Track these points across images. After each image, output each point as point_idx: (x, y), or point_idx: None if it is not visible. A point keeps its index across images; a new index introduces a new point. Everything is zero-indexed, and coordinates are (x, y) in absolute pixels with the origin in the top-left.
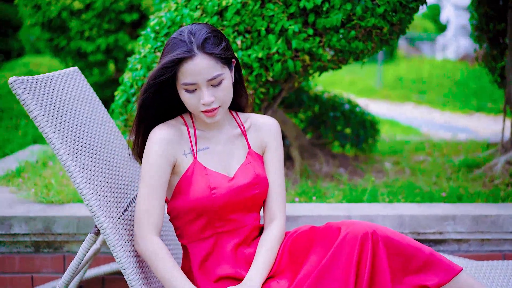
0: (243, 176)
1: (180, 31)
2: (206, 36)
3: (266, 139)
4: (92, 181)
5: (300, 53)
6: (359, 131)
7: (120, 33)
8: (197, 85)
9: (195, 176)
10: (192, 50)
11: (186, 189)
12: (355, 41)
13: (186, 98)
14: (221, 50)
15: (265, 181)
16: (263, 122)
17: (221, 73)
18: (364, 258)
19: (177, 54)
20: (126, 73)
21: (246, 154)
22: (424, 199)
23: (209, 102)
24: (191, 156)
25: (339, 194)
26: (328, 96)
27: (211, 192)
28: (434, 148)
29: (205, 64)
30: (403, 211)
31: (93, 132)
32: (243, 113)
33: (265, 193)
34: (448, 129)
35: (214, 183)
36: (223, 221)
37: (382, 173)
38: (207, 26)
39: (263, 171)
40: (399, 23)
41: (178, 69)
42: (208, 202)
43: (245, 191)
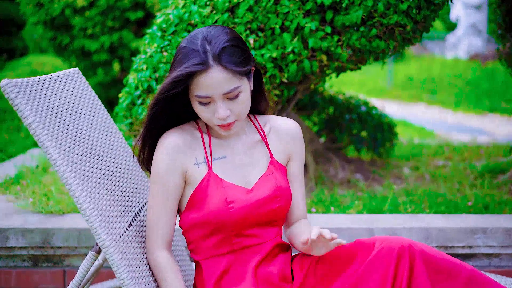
0: (263, 188)
1: (193, 37)
2: (223, 46)
3: (291, 148)
4: (93, 194)
5: (317, 53)
6: (376, 134)
7: (124, 31)
8: (211, 98)
9: (210, 188)
10: (206, 61)
11: (200, 202)
12: (376, 40)
13: (199, 111)
14: (240, 62)
15: (288, 194)
16: (285, 128)
17: (239, 85)
18: (400, 273)
19: (190, 66)
20: (131, 74)
21: (268, 164)
22: (449, 209)
23: (224, 117)
24: (205, 166)
25: (358, 204)
26: (343, 98)
27: (228, 207)
28: (454, 152)
29: (221, 77)
30: (429, 223)
31: (94, 139)
32: (261, 116)
33: (288, 207)
34: (462, 130)
35: (231, 197)
36: (241, 237)
37: (401, 179)
38: (225, 31)
39: (286, 183)
40: (423, 20)
41: (191, 80)
42: (224, 216)
43: (265, 205)
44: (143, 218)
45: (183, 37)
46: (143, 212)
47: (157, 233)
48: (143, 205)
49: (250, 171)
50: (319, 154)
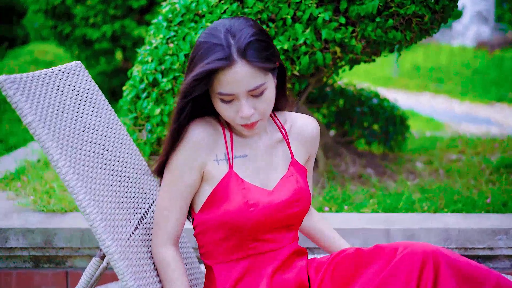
0: (283, 191)
1: (214, 29)
2: (249, 41)
3: (311, 148)
4: (97, 196)
5: (330, 45)
6: (388, 127)
7: (127, 19)
8: (235, 95)
9: (230, 188)
10: (230, 56)
11: (219, 203)
12: (393, 31)
13: (221, 109)
14: (266, 57)
15: (308, 196)
16: (306, 127)
17: (264, 82)
18: (424, 280)
19: (212, 62)
20: (135, 66)
21: (289, 165)
22: (466, 207)
23: (248, 116)
24: (226, 164)
25: (373, 203)
26: (354, 90)
27: (249, 210)
28: (467, 145)
29: (246, 73)
30: (448, 223)
31: (98, 137)
32: (280, 112)
33: (307, 210)
34: (470, 121)
35: (252, 199)
36: (258, 241)
37: (414, 174)
38: (249, 24)
39: (306, 185)
40: (442, 10)
41: (213, 76)
42: (243, 219)
43: (285, 208)
44: (150, 220)
45: (190, 27)
46: (150, 214)
47: (165, 228)
48: (150, 205)
49: (270, 171)
50: (329, 148)
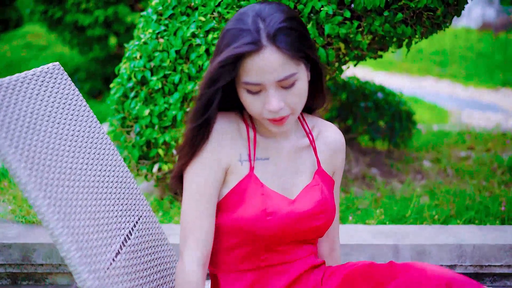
0: (307, 201)
1: (242, 14)
2: (280, 26)
3: (337, 162)
4: (73, 222)
5: (334, 40)
6: (394, 123)
7: (120, 5)
8: (262, 85)
9: (249, 192)
10: (259, 41)
11: (234, 206)
12: (402, 25)
13: (247, 101)
14: (299, 45)
15: (333, 209)
16: (335, 139)
17: (295, 72)
18: None
19: (240, 46)
20: (123, 62)
21: (314, 173)
22: (479, 214)
23: (277, 109)
24: (247, 165)
25: (380, 213)
26: (357, 83)
27: (266, 219)
28: (476, 140)
29: (276, 60)
30: (462, 237)
31: (77, 151)
32: (309, 116)
33: (330, 224)
34: (475, 106)
35: (271, 207)
36: (271, 252)
37: (421, 174)
38: (282, 8)
39: (332, 197)
40: (456, 3)
41: (240, 64)
42: (260, 228)
43: (307, 220)
44: (135, 241)
45: (182, 21)
46: (135, 233)
47: (199, 241)
48: (135, 224)
49: (293, 179)
50: None
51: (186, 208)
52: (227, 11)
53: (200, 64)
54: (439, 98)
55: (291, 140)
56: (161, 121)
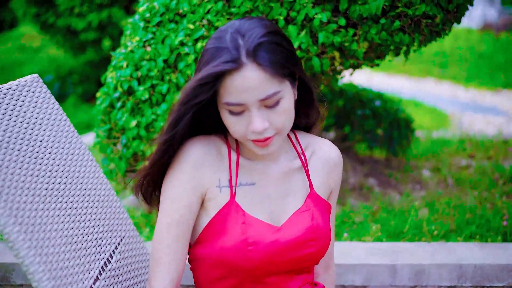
0: (295, 228)
1: (221, 30)
2: (260, 41)
3: (334, 182)
4: (46, 249)
5: (328, 49)
6: (392, 132)
7: (114, 8)
8: (244, 105)
9: (229, 221)
10: (238, 59)
11: (215, 237)
12: (399, 34)
13: (229, 123)
14: (282, 61)
15: (326, 236)
16: (331, 157)
17: (279, 90)
18: None
19: (218, 65)
20: (109, 71)
21: (306, 197)
22: (481, 229)
23: (260, 130)
24: (228, 192)
25: (376, 229)
26: (354, 90)
27: (248, 249)
28: (477, 148)
29: (257, 78)
30: (462, 256)
31: (54, 170)
32: (303, 134)
33: (324, 252)
34: (475, 109)
35: (253, 236)
36: (258, 285)
37: (420, 184)
38: (263, 23)
39: (326, 222)
40: (456, 10)
41: (220, 83)
42: (241, 259)
43: (295, 249)
44: (116, 265)
45: (170, 29)
46: (116, 256)
47: (168, 268)
48: (116, 246)
49: (282, 204)
50: None
51: (158, 235)
52: (216, 18)
53: (188, 74)
54: (440, 100)
55: (281, 162)
56: (149, 132)
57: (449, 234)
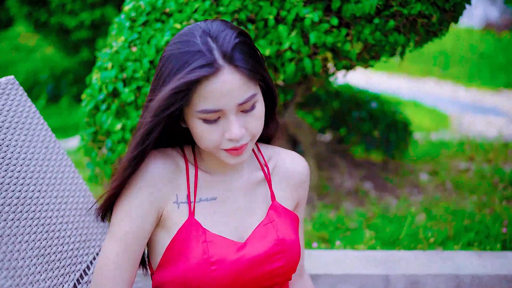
0: (259, 242)
1: (186, 34)
2: (236, 42)
3: (300, 193)
4: (15, 262)
5: (320, 50)
6: (389, 134)
7: (107, 6)
8: (222, 112)
9: (189, 241)
10: (215, 62)
11: (176, 260)
12: (394, 34)
13: (202, 132)
14: (255, 62)
15: (295, 248)
16: (296, 169)
17: (255, 93)
18: None
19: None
20: (94, 72)
21: (268, 209)
22: (479, 236)
23: (239, 137)
24: (186, 209)
25: (370, 236)
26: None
27: (211, 269)
28: (477, 151)
29: (236, 81)
30: (460, 265)
31: (28, 176)
32: (265, 146)
33: (295, 265)
34: (476, 110)
35: (215, 255)
36: None
37: (418, 188)
38: (229, 25)
39: (294, 233)
40: (453, 9)
41: (194, 90)
42: (206, 281)
43: (261, 264)
44: None
45: (156, 29)
46: (92, 269)
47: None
48: (94, 257)
49: (246, 218)
50: (322, 158)
51: (106, 252)
52: (204, 18)
53: None
54: (440, 101)
55: (243, 175)
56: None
57: (446, 241)
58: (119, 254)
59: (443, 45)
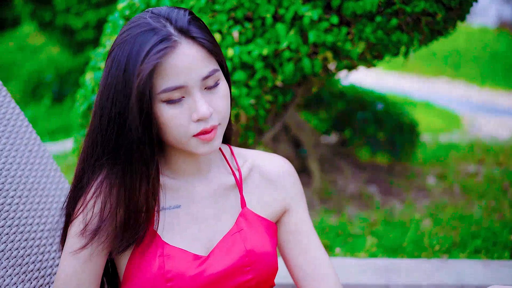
0: (224, 255)
1: (137, 18)
2: (189, 18)
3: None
4: None
5: (320, 49)
6: (395, 136)
7: (113, 5)
8: (185, 88)
9: (148, 254)
10: (171, 35)
11: (134, 275)
12: (397, 32)
13: (169, 118)
14: (211, 37)
15: (268, 259)
16: (274, 170)
17: (217, 68)
18: None
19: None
20: (88, 72)
21: (237, 217)
22: (486, 243)
23: (207, 114)
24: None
25: (372, 243)
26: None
27: (166, 286)
28: (487, 154)
29: (196, 53)
30: (464, 275)
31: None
32: (240, 149)
33: (268, 277)
34: (489, 111)
35: (172, 270)
36: None
37: (424, 192)
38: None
39: (267, 243)
40: (459, 6)
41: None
42: None
43: (226, 279)
44: None
45: None
46: None
47: None
48: None
49: (213, 229)
50: (325, 160)
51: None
52: (200, 15)
53: None
54: (452, 101)
55: (211, 180)
56: None
57: (452, 248)
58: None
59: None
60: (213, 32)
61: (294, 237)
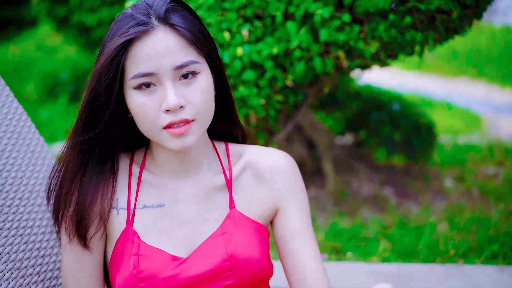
0: (204, 258)
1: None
2: (172, 5)
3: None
4: None
5: (331, 48)
6: (411, 137)
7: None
8: (156, 76)
9: (124, 253)
10: (148, 22)
11: (113, 273)
12: (411, 31)
13: (139, 108)
14: (197, 31)
15: (251, 264)
16: (270, 166)
17: (196, 60)
18: None
19: (125, 32)
20: None
21: (224, 218)
22: (504, 249)
23: (175, 104)
24: (124, 216)
25: (384, 248)
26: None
27: (139, 286)
28: (507, 155)
29: (171, 41)
30: (478, 281)
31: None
32: (238, 145)
33: (251, 283)
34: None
35: (147, 270)
36: None
37: (441, 194)
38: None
39: (254, 246)
40: (475, 4)
41: (125, 58)
42: None
43: (203, 284)
44: None
45: None
46: None
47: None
48: None
49: (197, 230)
50: (340, 161)
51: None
52: (209, 14)
53: None
54: (473, 102)
55: (200, 179)
56: None
57: (468, 253)
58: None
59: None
60: (223, 31)
61: (283, 240)
